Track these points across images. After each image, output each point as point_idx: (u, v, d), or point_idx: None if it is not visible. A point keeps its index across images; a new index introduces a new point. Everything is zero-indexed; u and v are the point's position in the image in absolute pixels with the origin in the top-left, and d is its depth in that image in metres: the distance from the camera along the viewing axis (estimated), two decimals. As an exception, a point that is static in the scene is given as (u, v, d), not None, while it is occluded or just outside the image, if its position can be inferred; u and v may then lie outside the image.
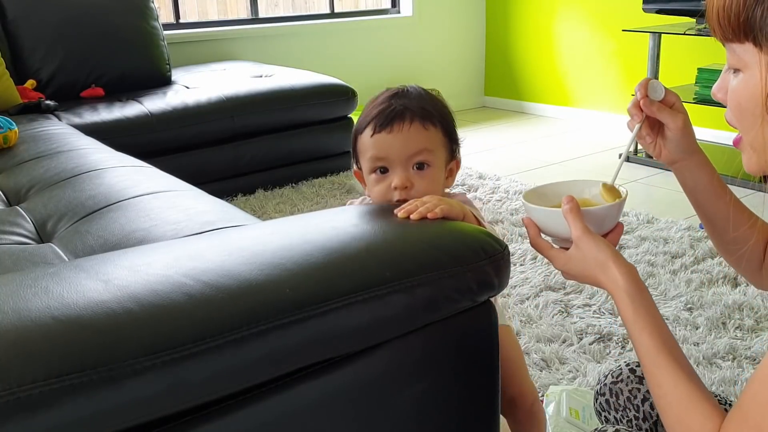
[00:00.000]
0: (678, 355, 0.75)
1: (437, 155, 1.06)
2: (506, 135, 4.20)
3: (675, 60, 3.70)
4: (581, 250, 0.84)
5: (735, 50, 0.70)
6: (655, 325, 0.77)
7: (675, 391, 0.73)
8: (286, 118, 3.10)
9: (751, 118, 0.70)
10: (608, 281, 0.81)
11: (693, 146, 0.93)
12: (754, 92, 0.68)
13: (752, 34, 0.66)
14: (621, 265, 0.81)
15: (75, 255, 1.24)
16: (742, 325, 1.85)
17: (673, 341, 0.77)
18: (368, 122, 1.05)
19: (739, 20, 0.67)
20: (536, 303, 2.00)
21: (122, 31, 3.17)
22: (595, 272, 0.83)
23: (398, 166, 1.04)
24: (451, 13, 4.78)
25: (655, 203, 2.85)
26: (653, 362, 0.75)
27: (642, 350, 0.77)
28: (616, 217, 0.91)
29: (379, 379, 0.78)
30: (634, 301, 0.78)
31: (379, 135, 1.04)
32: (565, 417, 1.42)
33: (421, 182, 1.05)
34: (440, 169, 1.07)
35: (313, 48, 4.24)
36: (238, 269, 0.70)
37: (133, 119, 2.74)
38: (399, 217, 0.89)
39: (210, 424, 0.65)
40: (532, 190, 0.96)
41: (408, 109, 1.04)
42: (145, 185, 1.55)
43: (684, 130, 0.91)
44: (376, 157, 1.05)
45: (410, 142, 1.03)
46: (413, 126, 1.04)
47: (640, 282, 0.80)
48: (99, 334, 0.60)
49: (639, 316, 0.78)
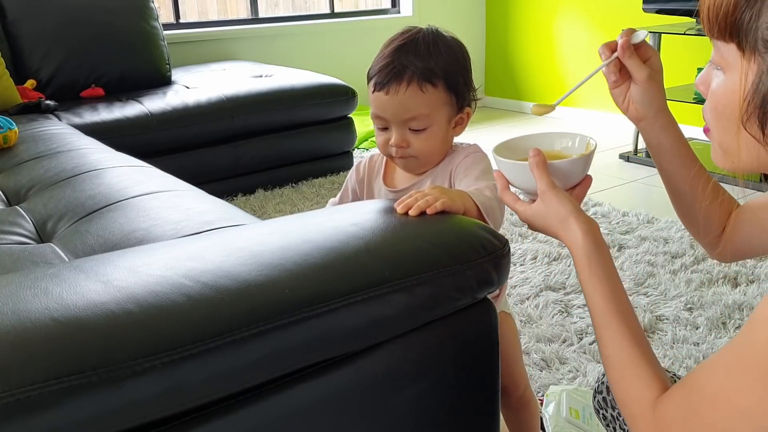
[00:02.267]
0: (628, 318, 0.76)
1: (435, 117, 1.07)
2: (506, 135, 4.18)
3: (675, 60, 3.70)
4: (544, 204, 0.85)
5: (720, 48, 0.69)
6: (609, 287, 0.77)
7: (619, 354, 0.74)
8: (286, 118, 3.10)
9: (726, 123, 0.70)
10: (568, 237, 0.82)
11: (658, 105, 0.92)
12: (732, 99, 0.68)
13: (737, 37, 0.66)
14: (581, 222, 0.81)
15: (75, 255, 1.24)
16: (742, 324, 1.85)
17: (626, 304, 0.77)
18: (372, 76, 1.07)
19: (727, 20, 0.66)
20: (536, 303, 2.00)
21: (122, 31, 3.17)
22: (556, 227, 0.84)
23: (395, 126, 1.07)
24: (451, 13, 4.78)
25: (655, 203, 2.85)
26: (601, 323, 0.76)
27: (593, 310, 0.78)
28: (584, 171, 0.90)
29: (379, 379, 0.78)
30: (590, 260, 0.79)
31: (378, 94, 1.06)
32: (565, 417, 1.42)
33: (417, 141, 1.07)
34: (440, 127, 1.08)
35: (313, 48, 4.24)
36: (238, 270, 0.70)
37: (133, 119, 2.74)
38: (398, 212, 0.88)
39: (210, 424, 0.65)
40: (502, 144, 0.95)
41: (408, 68, 1.04)
42: (145, 185, 1.55)
43: (647, 83, 0.90)
44: (374, 114, 1.08)
45: (404, 106, 1.05)
46: (410, 88, 1.04)
47: (599, 240, 0.81)
48: (98, 335, 0.60)
49: (594, 275, 0.78)
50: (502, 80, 4.93)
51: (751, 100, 0.66)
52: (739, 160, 0.71)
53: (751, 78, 0.66)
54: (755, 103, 0.66)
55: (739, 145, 0.70)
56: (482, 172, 1.06)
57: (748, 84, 0.66)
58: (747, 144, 0.69)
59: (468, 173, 1.07)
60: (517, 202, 0.90)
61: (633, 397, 0.72)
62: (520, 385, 1.22)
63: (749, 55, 0.66)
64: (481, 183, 1.03)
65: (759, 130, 0.66)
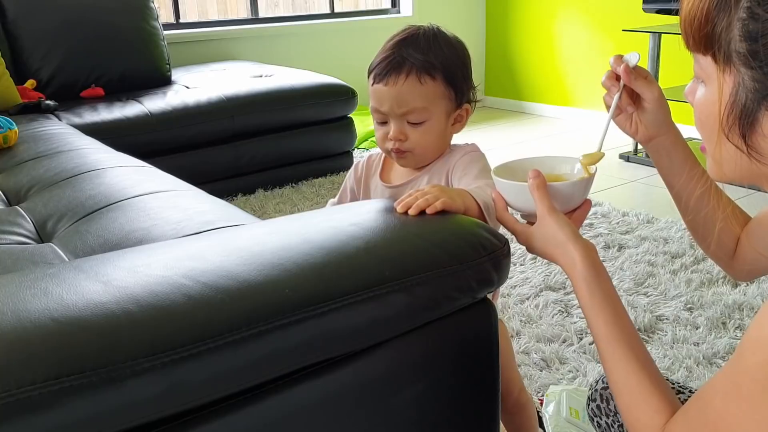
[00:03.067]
0: (633, 343, 0.75)
1: (434, 110, 1.07)
2: (506, 135, 4.20)
3: (675, 60, 3.70)
4: (542, 228, 0.84)
5: (698, 60, 0.69)
6: (611, 312, 0.77)
7: (627, 381, 0.73)
8: (286, 118, 3.10)
9: (710, 132, 0.71)
10: (566, 262, 0.81)
11: (668, 120, 0.92)
12: (712, 111, 0.68)
13: (712, 49, 0.66)
14: (579, 247, 0.80)
15: (75, 255, 1.24)
16: (742, 325, 1.85)
17: (629, 328, 0.77)
18: (372, 69, 1.08)
19: (700, 32, 0.66)
20: (536, 303, 2.00)
21: (122, 31, 3.17)
22: (554, 252, 0.83)
23: (393, 119, 1.07)
24: (451, 13, 4.78)
25: (655, 203, 2.84)
26: (606, 349, 0.76)
27: (597, 336, 0.77)
28: (584, 194, 0.90)
29: (379, 379, 0.78)
30: (589, 286, 0.78)
31: (377, 86, 1.07)
32: (565, 417, 1.42)
33: (415, 135, 1.08)
34: (438, 121, 1.08)
35: (313, 48, 4.24)
36: (237, 270, 0.70)
37: (133, 119, 2.74)
38: (398, 210, 0.88)
39: (210, 424, 0.65)
40: (502, 165, 0.95)
41: (407, 60, 1.05)
42: (145, 185, 1.55)
43: (660, 101, 0.91)
44: (373, 107, 1.09)
45: (402, 99, 1.05)
46: (408, 80, 1.05)
47: (597, 264, 0.80)
48: (98, 335, 0.60)
49: (594, 301, 0.78)
50: (502, 80, 4.93)
51: (730, 112, 0.66)
52: (724, 170, 0.71)
53: (728, 90, 0.66)
54: (735, 115, 0.66)
55: (721, 155, 0.70)
56: (481, 171, 1.06)
57: (725, 96, 0.66)
58: (729, 154, 0.69)
59: (467, 171, 1.07)
60: (516, 224, 0.90)
61: (643, 422, 0.72)
62: (513, 390, 1.21)
63: (724, 67, 0.66)
64: (481, 181, 1.02)
65: (741, 141, 0.66)
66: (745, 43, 0.63)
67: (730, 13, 0.63)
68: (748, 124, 0.65)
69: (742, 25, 0.63)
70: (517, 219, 0.91)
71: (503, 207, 0.91)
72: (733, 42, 0.64)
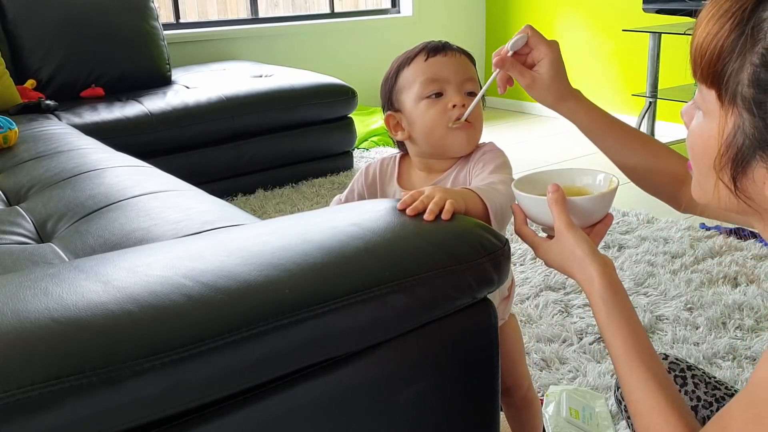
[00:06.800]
0: (651, 363, 0.75)
1: (478, 90, 1.11)
2: (506, 135, 4.20)
3: (675, 60, 3.70)
4: (560, 243, 0.84)
5: (702, 91, 0.69)
6: (629, 330, 0.77)
7: (646, 401, 0.73)
8: (286, 118, 3.10)
9: (701, 166, 0.71)
10: (584, 279, 0.81)
11: (554, 96, 1.02)
12: (707, 144, 0.68)
13: (719, 86, 0.65)
14: (597, 264, 0.80)
15: (75, 255, 1.24)
16: (742, 325, 1.85)
17: (647, 346, 0.77)
18: (416, 53, 1.10)
19: (710, 67, 0.66)
20: (536, 303, 2.00)
21: (122, 31, 3.17)
22: (571, 268, 0.83)
23: (453, 88, 1.08)
24: (451, 13, 4.78)
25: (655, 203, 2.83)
26: (624, 368, 0.76)
27: (614, 355, 0.77)
28: (605, 209, 0.89)
29: (378, 379, 0.78)
30: (606, 305, 0.78)
31: (435, 58, 1.08)
32: (565, 417, 1.42)
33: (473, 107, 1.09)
34: (479, 105, 1.11)
35: (313, 48, 4.24)
36: (237, 270, 0.70)
37: (133, 119, 2.74)
38: (408, 214, 0.86)
39: (210, 424, 0.65)
40: (523, 177, 0.95)
41: (452, 46, 1.11)
42: (145, 185, 1.55)
43: (530, 89, 1.02)
44: (431, 79, 1.08)
45: (463, 66, 1.10)
46: (462, 55, 1.11)
47: (615, 281, 0.80)
48: (98, 335, 0.60)
49: (612, 320, 0.78)
50: (502, 80, 4.92)
51: (725, 152, 0.66)
52: (708, 197, 0.72)
53: (727, 131, 0.65)
54: (729, 156, 0.66)
55: (709, 185, 0.70)
56: (497, 167, 1.06)
57: (723, 136, 0.66)
58: (717, 187, 0.69)
59: (485, 167, 1.07)
60: (535, 237, 0.90)
61: None
62: (523, 385, 1.22)
63: (728, 107, 0.65)
64: (495, 177, 1.02)
65: (731, 181, 0.66)
66: (753, 90, 0.62)
67: (744, 56, 0.62)
68: (741, 168, 0.65)
69: (753, 71, 0.62)
70: (537, 232, 0.91)
71: (522, 220, 0.91)
72: (740, 85, 0.63)
